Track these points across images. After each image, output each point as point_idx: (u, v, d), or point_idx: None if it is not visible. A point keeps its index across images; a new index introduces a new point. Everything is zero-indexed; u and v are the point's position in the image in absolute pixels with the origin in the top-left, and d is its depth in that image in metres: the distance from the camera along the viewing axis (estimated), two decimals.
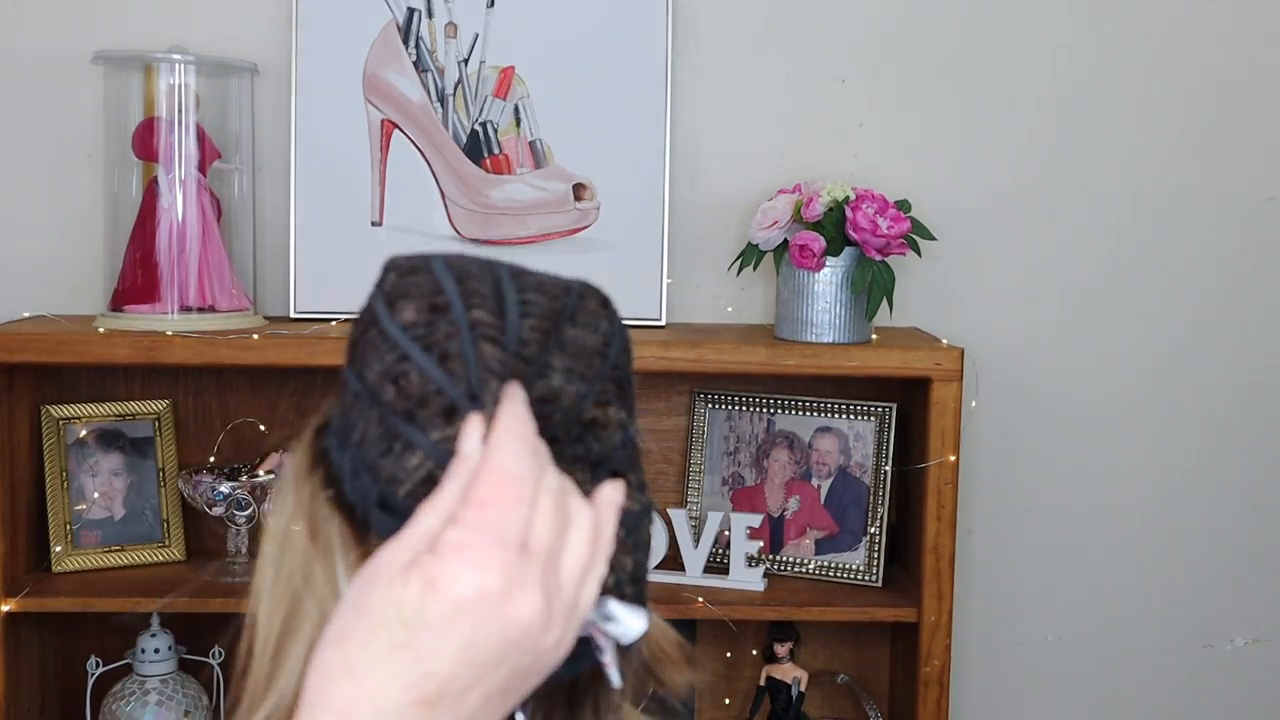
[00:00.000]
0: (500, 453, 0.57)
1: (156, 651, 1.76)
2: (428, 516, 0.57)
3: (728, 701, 1.96)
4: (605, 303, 0.67)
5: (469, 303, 0.62)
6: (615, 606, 0.61)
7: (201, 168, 1.75)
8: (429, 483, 0.59)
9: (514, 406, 0.59)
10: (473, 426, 0.59)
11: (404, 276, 0.64)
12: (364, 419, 0.62)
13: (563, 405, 0.63)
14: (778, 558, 1.85)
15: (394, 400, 0.61)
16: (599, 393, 0.64)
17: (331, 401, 0.67)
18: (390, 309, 0.63)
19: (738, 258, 1.82)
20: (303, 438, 0.67)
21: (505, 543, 0.55)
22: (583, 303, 0.66)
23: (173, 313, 1.72)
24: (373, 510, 0.61)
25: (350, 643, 0.55)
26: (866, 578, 1.81)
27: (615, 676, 0.62)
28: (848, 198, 1.71)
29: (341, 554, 0.62)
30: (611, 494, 0.61)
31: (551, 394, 0.63)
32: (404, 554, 0.56)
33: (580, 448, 0.63)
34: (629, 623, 0.61)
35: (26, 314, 1.85)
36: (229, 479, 1.75)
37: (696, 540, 1.80)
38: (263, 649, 0.64)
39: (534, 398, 0.62)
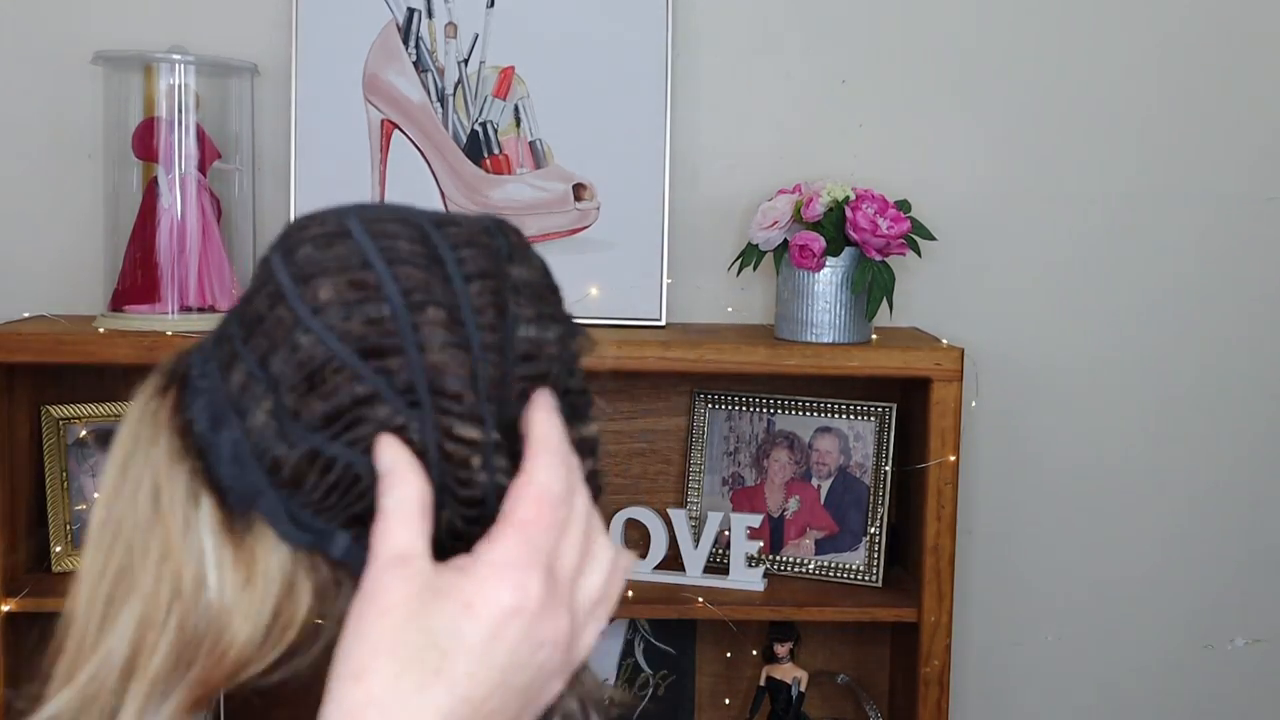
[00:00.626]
0: (541, 472, 0.56)
1: None
2: (403, 533, 0.55)
3: (728, 701, 1.96)
4: (518, 231, 0.64)
5: (401, 278, 0.58)
6: None
7: (201, 168, 1.75)
8: (340, 494, 0.57)
9: (547, 416, 0.58)
10: (391, 442, 0.56)
11: (320, 249, 0.59)
12: (257, 406, 0.58)
13: (549, 353, 0.61)
14: (778, 558, 1.85)
15: (306, 402, 0.57)
16: (570, 327, 0.63)
17: (194, 353, 0.62)
18: (303, 287, 0.58)
19: (738, 258, 1.82)
20: (152, 385, 0.63)
21: (540, 564, 0.54)
22: (508, 238, 0.62)
23: (173, 313, 1.72)
24: (280, 520, 0.57)
25: (374, 678, 0.52)
26: (866, 578, 1.81)
27: None
28: (848, 198, 1.71)
29: (211, 535, 0.58)
30: (627, 559, 0.61)
31: (535, 347, 0.60)
32: (415, 580, 0.54)
33: (575, 382, 0.62)
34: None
35: (26, 314, 1.85)
36: None
37: (696, 540, 1.80)
38: (87, 610, 0.60)
39: (518, 355, 0.59)
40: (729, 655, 1.95)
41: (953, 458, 1.68)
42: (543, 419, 0.58)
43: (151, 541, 0.59)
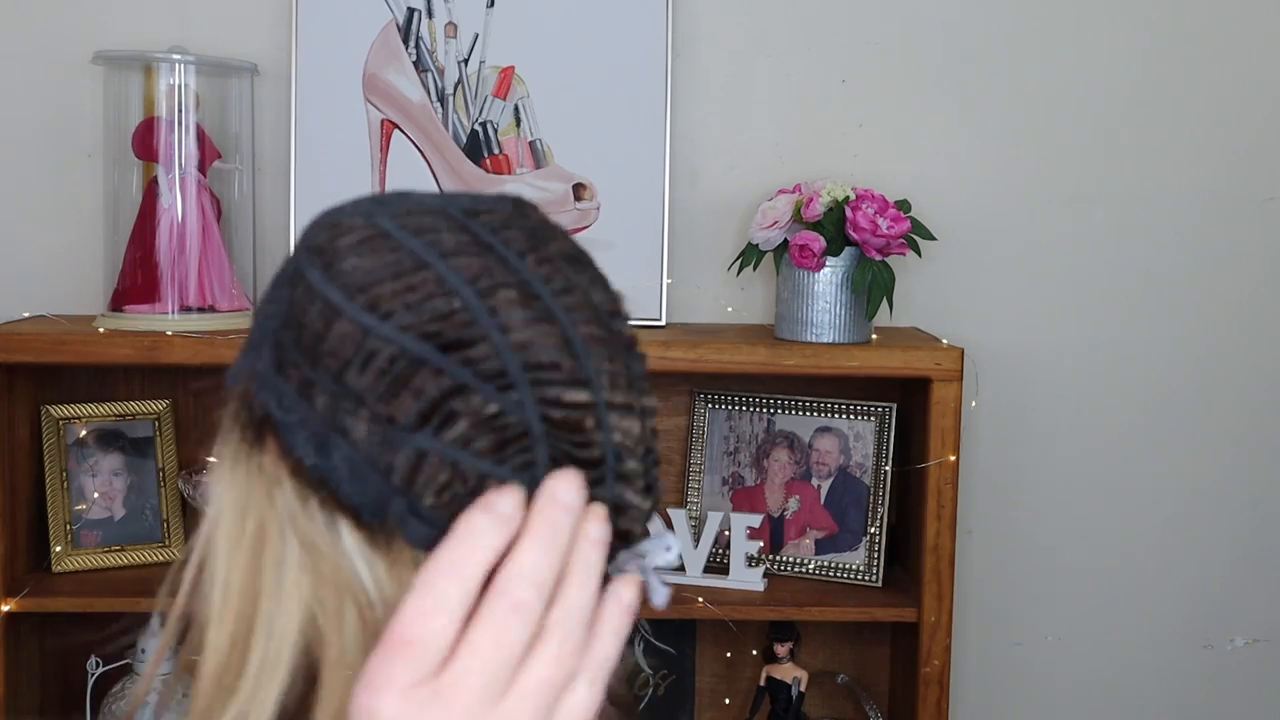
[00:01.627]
0: (511, 580, 0.52)
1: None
2: (422, 623, 0.51)
3: (728, 701, 1.96)
4: (535, 205, 0.64)
5: (461, 269, 0.57)
6: (646, 550, 0.59)
7: (201, 168, 1.75)
8: (452, 490, 0.56)
9: (551, 502, 0.54)
10: (508, 499, 0.54)
11: (366, 257, 0.57)
12: (354, 420, 0.56)
13: (625, 311, 0.61)
14: (778, 558, 1.85)
15: (398, 406, 0.56)
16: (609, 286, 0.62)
17: (260, 393, 0.60)
18: (360, 296, 0.57)
19: (738, 258, 1.82)
20: (233, 443, 0.62)
21: (398, 681, 0.50)
22: (533, 216, 0.62)
23: (173, 313, 1.72)
24: (409, 522, 0.57)
25: None
26: (866, 578, 1.81)
27: (661, 593, 0.59)
28: (848, 198, 1.71)
29: (359, 554, 0.58)
30: (629, 595, 0.56)
31: (614, 303, 0.60)
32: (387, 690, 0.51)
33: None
34: (661, 551, 0.59)
35: (26, 314, 1.85)
36: None
37: (696, 540, 1.80)
38: (226, 647, 0.61)
39: (607, 312, 0.59)
40: (729, 655, 1.95)
41: (953, 458, 1.68)
42: (545, 504, 0.54)
43: (304, 581, 0.60)
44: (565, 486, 0.54)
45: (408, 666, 0.50)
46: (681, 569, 1.80)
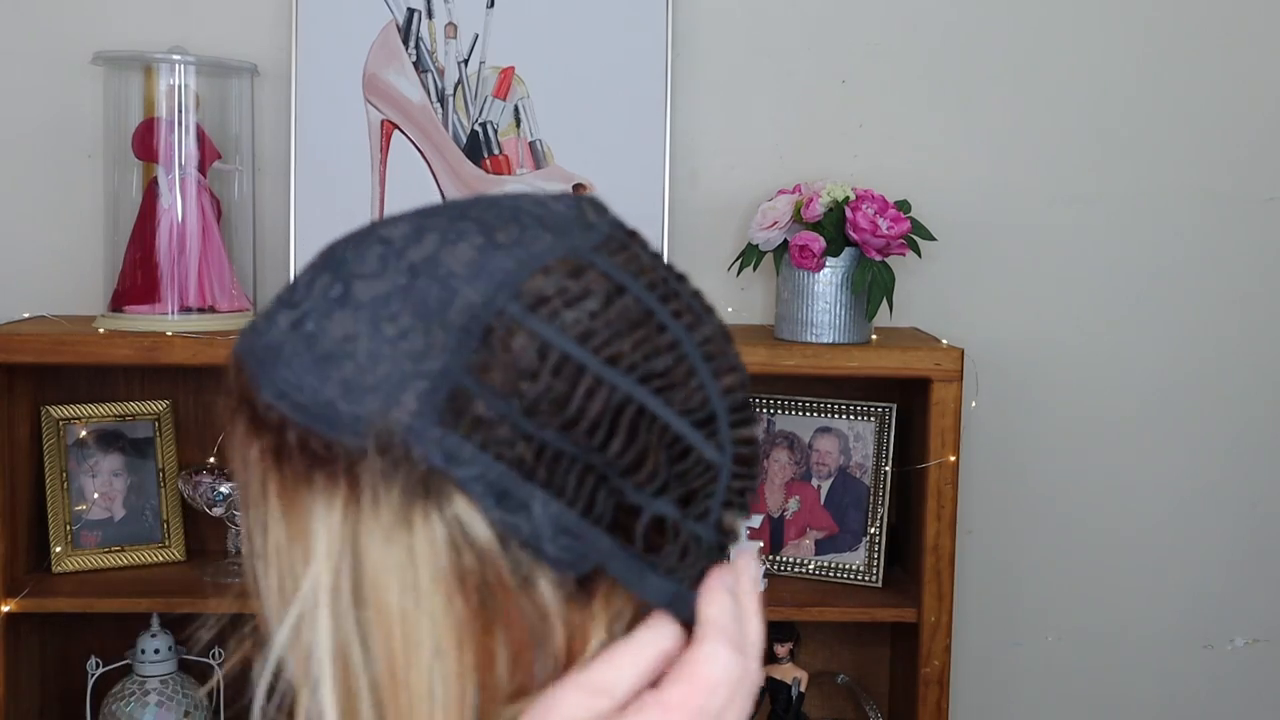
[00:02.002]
0: (708, 663, 0.55)
1: (156, 652, 1.76)
2: (614, 672, 0.54)
3: None
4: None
5: (685, 321, 0.57)
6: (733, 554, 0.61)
7: (201, 168, 1.75)
8: (692, 555, 0.57)
9: (745, 582, 0.57)
10: (718, 585, 0.56)
11: (597, 306, 0.54)
12: (572, 479, 0.54)
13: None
14: (778, 558, 1.85)
15: (637, 469, 0.54)
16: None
17: (418, 447, 0.53)
18: (603, 350, 0.54)
19: (738, 258, 1.82)
20: (392, 512, 0.54)
21: None
22: (637, 237, 0.61)
23: (173, 313, 1.72)
24: (636, 579, 0.55)
25: None
26: (866, 578, 1.81)
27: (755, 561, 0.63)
28: (848, 198, 1.71)
29: (559, 612, 0.56)
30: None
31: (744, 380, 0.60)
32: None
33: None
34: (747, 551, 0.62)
35: (26, 314, 1.85)
36: (229, 479, 1.75)
37: None
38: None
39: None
40: None
41: (953, 458, 1.68)
42: (717, 599, 0.57)
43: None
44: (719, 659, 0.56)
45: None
46: None
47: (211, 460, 1.86)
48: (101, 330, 1.67)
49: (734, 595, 0.58)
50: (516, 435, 0.53)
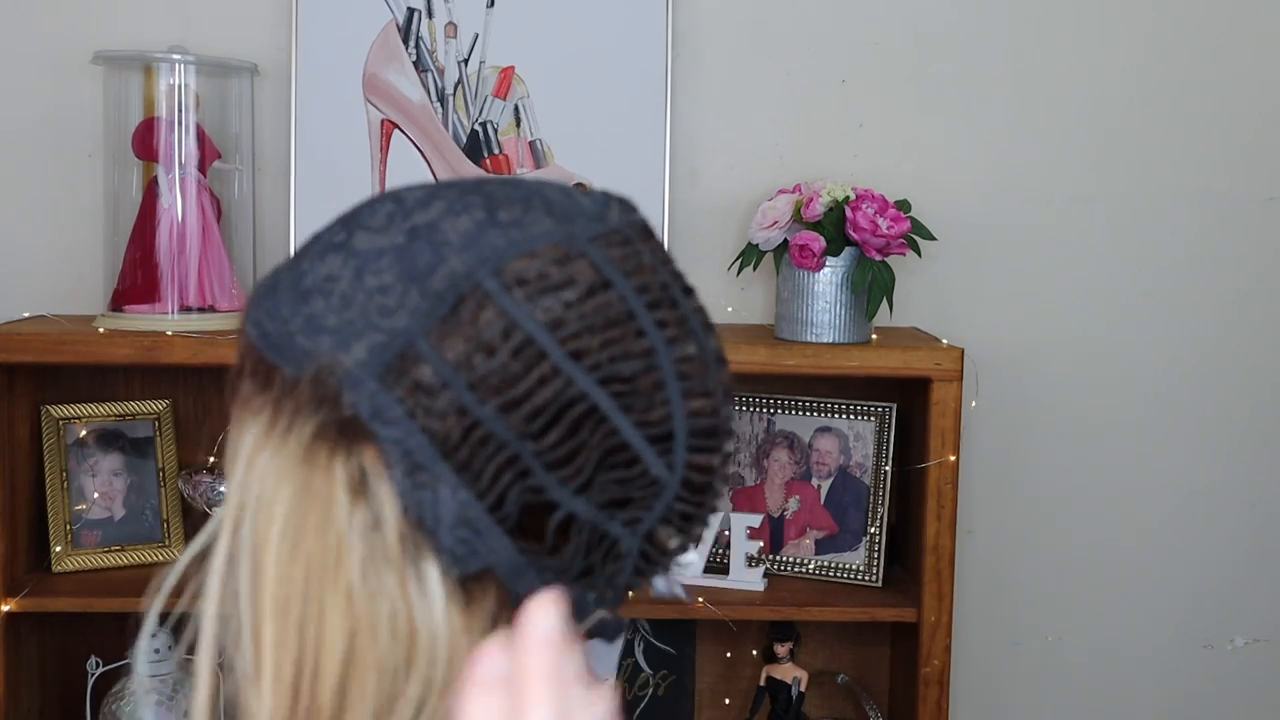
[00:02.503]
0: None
1: (156, 652, 1.76)
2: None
3: (728, 701, 1.96)
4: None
5: (663, 324, 0.56)
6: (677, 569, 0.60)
7: (201, 168, 1.75)
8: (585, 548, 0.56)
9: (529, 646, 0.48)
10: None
11: (575, 297, 0.54)
12: (490, 468, 0.53)
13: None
14: (778, 558, 1.85)
15: (568, 465, 0.53)
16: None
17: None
18: (569, 342, 0.53)
19: (737, 258, 1.82)
20: (299, 436, 0.54)
21: None
22: (651, 239, 0.61)
23: (173, 313, 1.72)
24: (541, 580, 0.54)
25: None
26: (866, 578, 1.81)
27: (682, 591, 0.60)
28: (848, 198, 1.71)
29: (441, 605, 0.54)
30: None
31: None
32: None
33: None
34: (687, 568, 0.60)
35: (26, 314, 1.85)
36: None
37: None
38: (292, 666, 0.55)
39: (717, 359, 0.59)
40: (729, 655, 1.95)
41: (953, 458, 1.68)
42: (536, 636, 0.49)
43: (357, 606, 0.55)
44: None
45: None
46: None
47: (211, 460, 1.86)
48: (101, 330, 1.67)
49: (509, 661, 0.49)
50: (451, 409, 0.52)
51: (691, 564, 0.59)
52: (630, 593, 0.58)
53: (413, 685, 0.54)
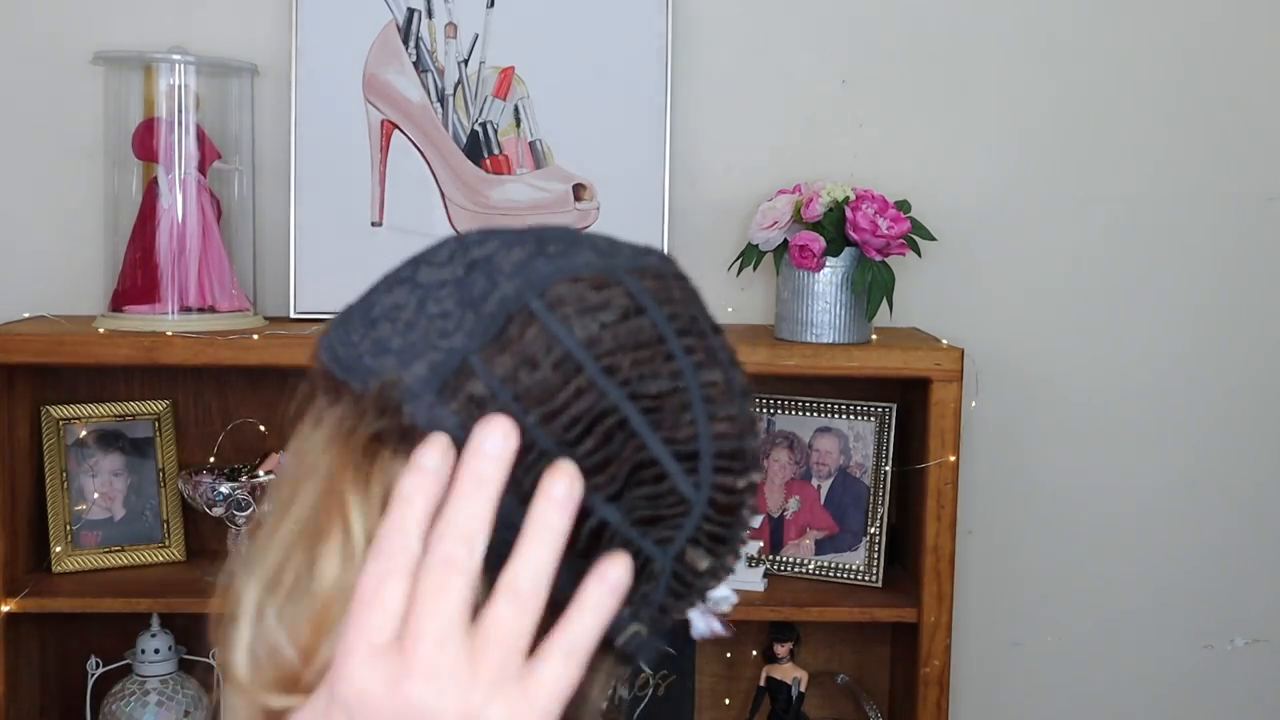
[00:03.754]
0: (439, 536, 0.54)
1: (156, 652, 1.76)
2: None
3: (728, 702, 1.96)
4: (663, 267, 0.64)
5: (698, 360, 0.60)
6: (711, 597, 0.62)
7: (201, 168, 1.75)
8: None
9: (475, 455, 0.55)
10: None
11: (610, 319, 0.58)
12: (529, 479, 0.56)
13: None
14: (778, 558, 1.85)
15: (600, 470, 0.57)
16: None
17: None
18: (604, 359, 0.57)
19: (738, 258, 1.82)
20: (355, 444, 0.59)
21: (440, 648, 0.52)
22: (683, 281, 0.64)
23: (173, 313, 1.72)
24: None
25: None
26: (866, 578, 1.81)
27: (721, 628, 0.63)
28: (848, 198, 1.71)
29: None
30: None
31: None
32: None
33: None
34: (720, 604, 0.63)
35: (26, 314, 1.85)
36: (229, 479, 1.75)
37: None
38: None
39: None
40: (729, 655, 1.95)
41: (953, 458, 1.68)
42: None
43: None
44: (491, 436, 0.54)
45: (371, 628, 0.53)
46: None
47: (211, 460, 1.86)
48: (101, 330, 1.67)
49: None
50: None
51: (725, 598, 0.62)
52: (667, 618, 0.61)
53: None
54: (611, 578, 0.54)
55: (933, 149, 1.94)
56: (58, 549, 1.77)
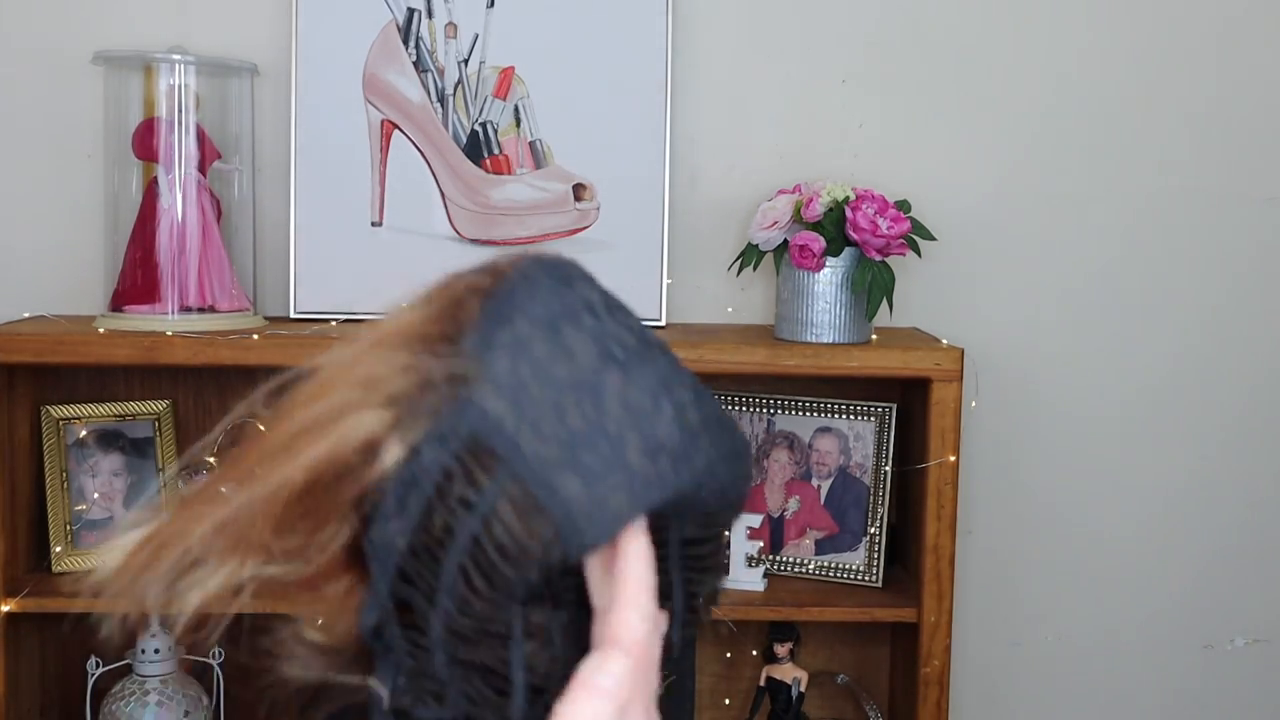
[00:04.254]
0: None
1: (156, 651, 1.76)
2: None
3: (728, 702, 1.96)
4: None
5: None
6: None
7: (201, 168, 1.75)
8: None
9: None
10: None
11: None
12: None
13: None
14: (778, 558, 1.85)
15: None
16: None
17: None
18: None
19: (738, 258, 1.82)
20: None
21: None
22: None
23: (173, 313, 1.72)
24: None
25: None
26: (866, 578, 1.81)
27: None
28: (848, 198, 1.71)
29: None
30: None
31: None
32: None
33: None
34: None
35: (26, 314, 1.85)
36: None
37: None
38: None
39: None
40: (729, 655, 1.95)
41: (953, 458, 1.68)
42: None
43: None
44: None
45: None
46: None
47: (211, 460, 1.86)
48: (101, 330, 1.67)
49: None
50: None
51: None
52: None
53: None
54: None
55: (933, 149, 1.94)
56: (58, 549, 1.77)
